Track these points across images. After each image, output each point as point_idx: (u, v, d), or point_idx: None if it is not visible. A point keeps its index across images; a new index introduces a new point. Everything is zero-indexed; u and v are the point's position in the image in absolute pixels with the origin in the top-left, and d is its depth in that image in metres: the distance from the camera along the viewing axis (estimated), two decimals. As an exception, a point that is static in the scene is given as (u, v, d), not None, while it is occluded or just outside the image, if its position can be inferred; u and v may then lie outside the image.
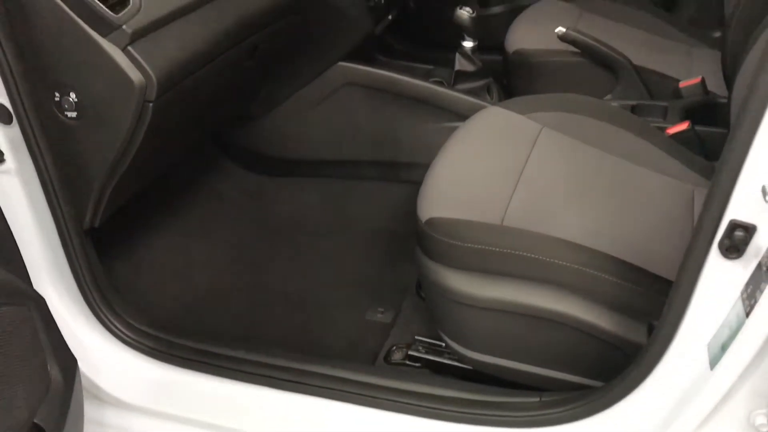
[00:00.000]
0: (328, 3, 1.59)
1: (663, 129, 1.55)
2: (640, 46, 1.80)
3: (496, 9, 2.39)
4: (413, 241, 1.29)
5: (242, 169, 1.95)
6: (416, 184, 1.34)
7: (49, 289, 1.27)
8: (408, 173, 1.80)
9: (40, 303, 0.97)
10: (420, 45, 2.40)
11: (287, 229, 1.84)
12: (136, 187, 1.40)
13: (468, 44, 1.79)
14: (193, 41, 1.21)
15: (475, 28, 1.78)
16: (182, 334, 1.35)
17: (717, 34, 2.10)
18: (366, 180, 1.88)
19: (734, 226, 0.84)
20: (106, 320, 1.32)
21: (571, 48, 1.75)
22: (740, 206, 0.83)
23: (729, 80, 1.67)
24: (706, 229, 0.87)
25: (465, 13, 1.74)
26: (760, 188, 0.80)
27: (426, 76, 1.83)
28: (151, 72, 1.12)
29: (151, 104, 1.15)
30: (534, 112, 1.48)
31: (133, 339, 1.32)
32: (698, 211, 1.31)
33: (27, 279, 1.24)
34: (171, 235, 1.72)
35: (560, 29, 1.71)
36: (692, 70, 1.81)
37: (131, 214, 1.55)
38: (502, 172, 1.32)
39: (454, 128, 1.61)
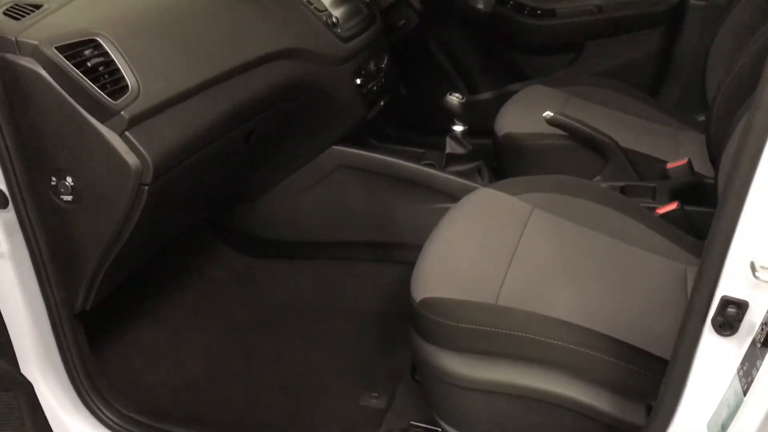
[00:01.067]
0: (322, 90, 1.64)
1: (653, 209, 1.58)
2: (626, 129, 1.84)
3: (485, 95, 2.47)
4: (407, 323, 1.28)
5: (235, 252, 1.96)
6: (409, 265, 1.35)
7: (37, 373, 1.25)
8: (401, 254, 1.81)
9: (27, 389, 0.96)
10: (411, 130, 2.46)
11: (280, 312, 1.83)
12: (129, 270, 1.40)
13: (458, 128, 1.84)
14: (190, 127, 1.24)
15: (465, 113, 1.83)
16: (172, 421, 1.32)
17: (701, 118, 2.16)
18: (359, 261, 1.89)
19: (726, 302, 0.84)
20: (94, 407, 1.29)
21: (559, 131, 1.79)
22: (731, 282, 0.83)
23: (715, 161, 1.70)
24: (699, 306, 0.87)
25: (454, 99, 1.80)
26: (749, 264, 0.81)
27: (418, 158, 1.86)
28: (147, 156, 1.14)
29: (146, 187, 1.17)
30: (525, 193, 1.50)
31: (121, 426, 1.29)
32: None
33: (15, 363, 1.22)
34: (162, 318, 1.71)
35: (548, 113, 1.76)
36: (679, 152, 1.85)
37: (122, 296, 1.55)
38: (495, 252, 1.33)
39: (447, 209, 1.63)
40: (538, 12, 2.34)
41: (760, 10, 1.85)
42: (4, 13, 1.15)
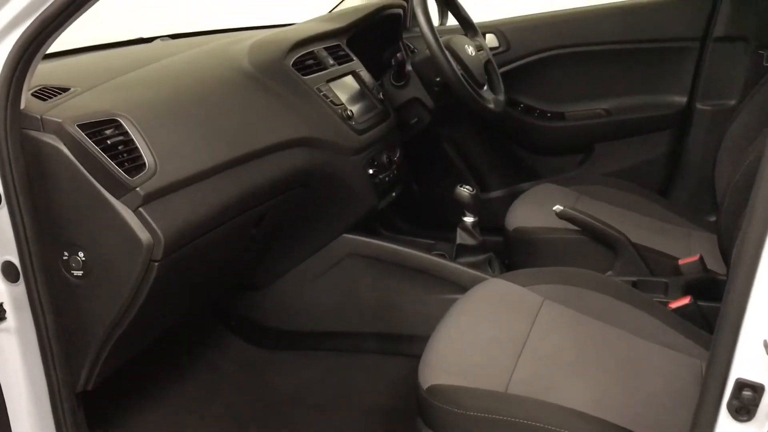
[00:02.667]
0: (335, 178, 1.67)
1: (665, 304, 1.56)
2: (637, 225, 1.85)
3: (496, 193, 2.50)
4: (415, 419, 1.25)
5: (240, 341, 1.93)
6: (417, 359, 1.33)
7: (32, 454, 1.22)
8: (410, 347, 1.78)
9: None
10: (422, 225, 2.49)
11: (285, 404, 1.79)
12: (133, 351, 1.39)
13: (469, 219, 1.85)
14: (203, 206, 1.26)
15: (476, 205, 1.85)
16: None
17: (712, 218, 2.17)
18: (367, 353, 1.86)
19: (741, 385, 0.81)
20: (88, 493, 1.25)
21: (571, 226, 1.80)
22: (745, 364, 0.81)
23: (727, 258, 1.70)
24: (713, 390, 0.84)
25: (465, 191, 1.82)
26: (763, 343, 0.79)
27: (428, 249, 1.87)
28: (159, 232, 1.16)
29: (156, 264, 1.17)
30: (535, 284, 1.49)
31: None
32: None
33: (10, 441, 1.19)
34: (163, 406, 1.67)
35: (558, 207, 1.77)
36: (690, 250, 1.84)
37: (125, 379, 1.52)
38: (505, 341, 1.31)
39: (456, 300, 1.62)
40: (548, 114, 2.41)
41: (765, 115, 1.90)
42: (33, 95, 1.20)
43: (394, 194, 1.92)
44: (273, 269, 1.80)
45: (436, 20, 2.56)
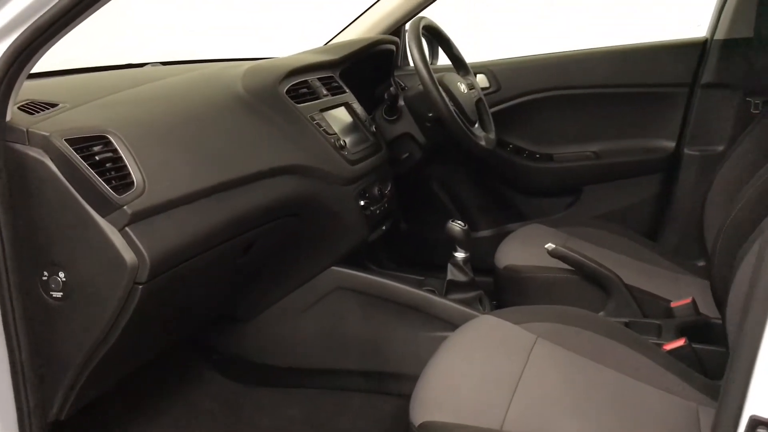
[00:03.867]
0: (326, 207, 1.63)
1: (659, 345, 1.53)
2: (628, 267, 1.83)
3: (484, 233, 2.48)
4: None
5: (220, 376, 1.86)
6: (405, 398, 1.28)
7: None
8: (398, 385, 1.72)
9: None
10: (410, 264, 2.45)
11: None
12: (109, 382, 1.32)
13: (460, 255, 1.82)
14: (191, 229, 1.22)
15: (468, 241, 1.82)
16: None
17: (701, 263, 2.16)
18: (353, 392, 1.80)
19: (756, 422, 0.78)
20: None
21: (562, 265, 1.78)
22: (759, 400, 0.78)
23: (719, 303, 1.68)
24: (725, 427, 0.81)
25: (457, 226, 1.80)
26: (780, 379, 0.76)
27: (418, 285, 1.83)
28: (145, 253, 1.11)
29: (140, 287, 1.12)
30: (528, 322, 1.46)
31: None
32: (705, 430, 1.25)
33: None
34: None
35: (550, 245, 1.75)
36: (681, 293, 1.82)
37: (99, 415, 1.45)
38: (499, 379, 1.27)
39: (446, 338, 1.58)
40: (537, 156, 2.41)
41: (752, 162, 1.91)
42: (19, 108, 1.16)
43: (384, 228, 1.88)
44: (257, 301, 1.75)
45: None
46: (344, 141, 1.68)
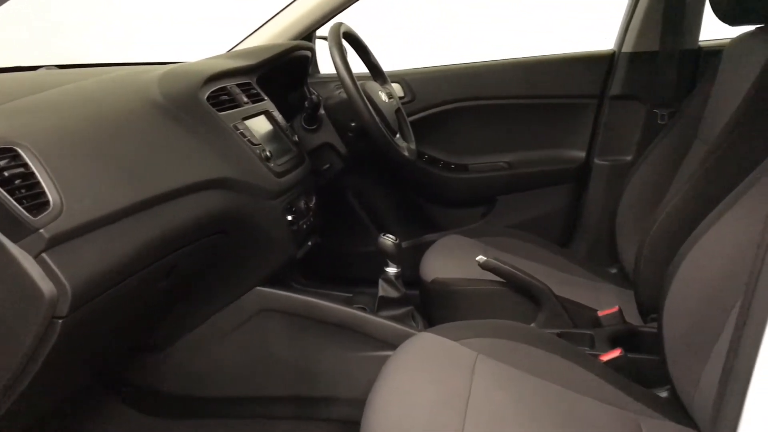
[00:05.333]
0: (253, 224, 1.52)
1: (596, 356, 1.53)
2: (554, 278, 1.84)
3: (402, 244, 2.43)
4: None
5: (134, 412, 1.69)
6: (338, 423, 1.20)
7: None
8: (329, 410, 1.63)
9: None
10: (322, 277, 2.37)
11: None
12: (21, 425, 1.15)
13: (392, 270, 1.76)
14: (114, 253, 1.08)
15: (399, 255, 1.76)
16: None
17: (613, 270, 2.22)
18: (282, 419, 1.68)
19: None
20: None
21: (491, 276, 1.75)
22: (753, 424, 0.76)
23: (647, 311, 1.71)
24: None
25: (388, 240, 1.73)
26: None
27: (347, 302, 1.75)
28: (65, 283, 0.97)
29: (60, 321, 0.97)
30: (467, 338, 1.43)
31: None
32: (651, 441, 1.26)
33: None
34: None
35: (481, 257, 1.72)
36: (602, 302, 1.85)
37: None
38: (448, 401, 1.22)
39: (380, 357, 1.51)
40: (452, 166, 2.40)
41: (662, 172, 1.98)
42: None
43: (309, 243, 1.78)
44: (175, 327, 1.60)
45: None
46: (269, 152, 1.58)
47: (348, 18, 2.14)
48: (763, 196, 1.28)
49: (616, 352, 1.52)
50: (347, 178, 2.35)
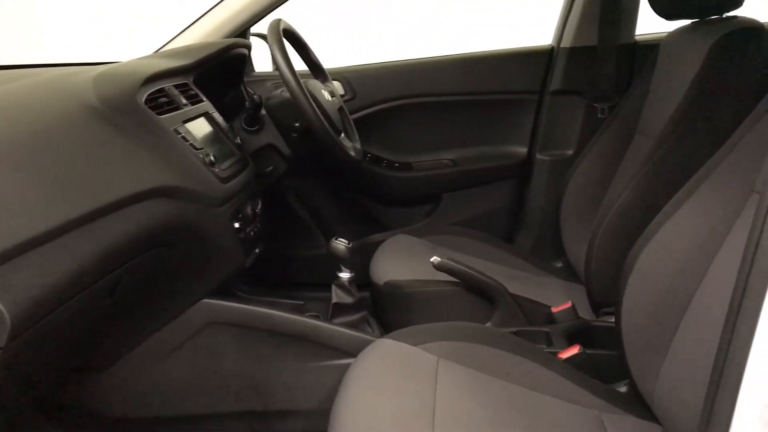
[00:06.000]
0: (199, 233, 1.43)
1: (555, 354, 1.52)
2: (507, 276, 1.83)
3: (347, 246, 2.38)
4: None
5: None
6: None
7: None
8: (284, 423, 1.57)
9: None
10: (265, 283, 2.29)
11: None
12: None
13: (345, 275, 1.70)
14: (55, 274, 0.99)
15: (353, 259, 1.71)
16: None
17: (558, 264, 2.23)
18: None
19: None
20: None
21: (444, 277, 1.73)
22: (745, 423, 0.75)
23: (599, 305, 1.72)
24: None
25: (340, 244, 1.68)
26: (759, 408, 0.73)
27: (299, 311, 1.68)
28: (3, 309, 0.87)
29: (-2, 352, 0.88)
30: (426, 342, 1.40)
31: None
32: (616, 438, 1.26)
33: None
34: None
35: (435, 258, 1.69)
36: (551, 297, 1.85)
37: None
38: (416, 410, 1.19)
39: (337, 366, 1.45)
40: (396, 165, 2.36)
41: (604, 166, 1.99)
42: None
43: (257, 251, 1.71)
44: (118, 345, 1.50)
45: (270, 65, 2.44)
46: (213, 156, 1.49)
47: (341, 12, 2.08)
48: (714, 191, 1.30)
49: (574, 349, 1.52)
50: (288, 180, 2.28)
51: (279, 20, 1.83)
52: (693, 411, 1.19)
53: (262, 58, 2.41)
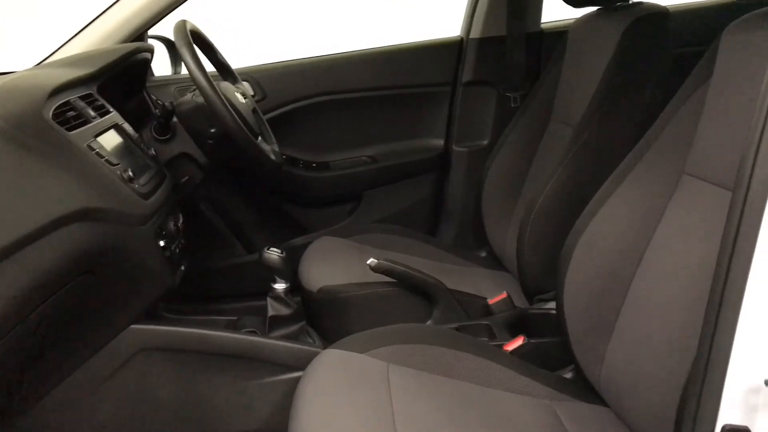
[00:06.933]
0: (124, 256, 1.32)
1: (500, 346, 1.52)
2: (441, 271, 1.81)
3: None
4: None
5: None
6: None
7: None
8: (227, 447, 1.49)
9: None
10: (184, 299, 2.18)
11: None
12: None
13: (281, 286, 1.63)
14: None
15: (288, 269, 1.64)
16: None
17: (482, 254, 2.25)
18: None
19: (730, 431, 0.76)
20: None
21: (380, 278, 1.69)
22: (729, 409, 0.76)
23: (533, 293, 1.74)
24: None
25: (273, 254, 1.60)
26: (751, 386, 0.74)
27: (234, 327, 1.60)
28: None
29: None
30: (373, 348, 1.36)
31: None
32: (570, 426, 1.27)
33: None
34: None
35: (372, 260, 1.65)
36: (481, 288, 1.86)
37: None
38: (375, 420, 1.15)
39: (280, 382, 1.39)
40: (313, 165, 2.30)
41: (521, 154, 2.02)
42: None
43: (183, 268, 1.60)
44: (39, 384, 1.37)
45: (170, 68, 2.31)
46: (132, 171, 1.38)
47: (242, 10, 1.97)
48: (647, 173, 1.33)
49: (519, 340, 1.52)
50: (200, 189, 2.17)
51: (184, 21, 1.72)
52: (640, 392, 1.22)
53: (159, 62, 2.28)
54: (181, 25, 1.68)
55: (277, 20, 4.77)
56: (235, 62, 2.15)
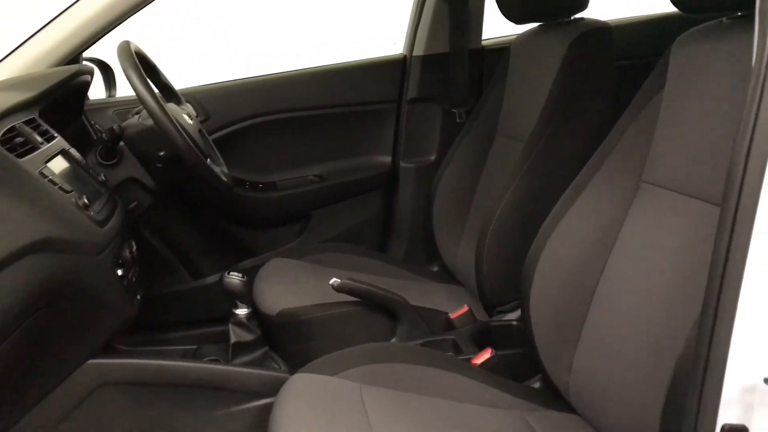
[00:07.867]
0: (82, 288, 1.25)
1: (468, 360, 1.53)
2: (400, 288, 1.80)
3: (212, 278, 2.22)
4: None
5: None
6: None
7: None
8: (198, 481, 1.43)
9: None
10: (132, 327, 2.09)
11: None
12: None
13: (242, 311, 1.58)
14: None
15: (249, 294, 1.59)
16: None
17: (434, 269, 2.26)
18: None
19: (730, 430, 0.78)
20: None
21: (341, 298, 1.67)
22: (728, 409, 0.78)
23: (492, 305, 1.75)
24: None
25: (234, 278, 1.56)
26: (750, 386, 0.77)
27: (192, 356, 1.54)
28: None
29: None
30: (343, 370, 1.34)
31: None
32: (542, 432, 1.28)
33: None
34: None
35: (335, 280, 1.63)
36: (438, 302, 1.86)
37: None
38: None
39: (247, 410, 1.36)
40: (260, 186, 2.26)
41: (470, 169, 2.04)
42: None
43: (139, 297, 1.54)
44: None
45: (104, 92, 2.23)
46: (86, 198, 1.32)
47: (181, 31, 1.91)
48: (605, 184, 1.36)
49: (486, 353, 1.53)
50: (145, 214, 2.09)
51: (128, 42, 1.67)
52: (611, 397, 1.24)
53: (92, 85, 2.20)
54: (126, 46, 1.62)
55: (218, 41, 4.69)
56: (179, 83, 2.10)
